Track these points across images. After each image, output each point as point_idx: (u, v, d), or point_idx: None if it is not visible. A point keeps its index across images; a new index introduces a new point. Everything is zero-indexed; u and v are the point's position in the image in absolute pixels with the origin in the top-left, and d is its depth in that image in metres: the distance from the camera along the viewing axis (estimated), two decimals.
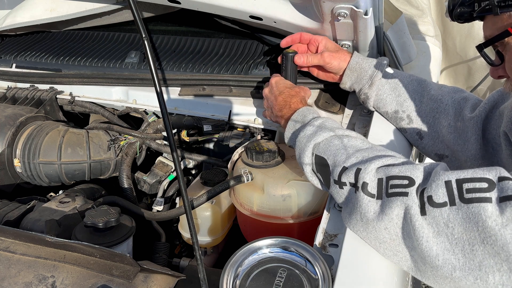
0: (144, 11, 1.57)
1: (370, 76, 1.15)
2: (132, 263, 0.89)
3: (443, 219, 0.67)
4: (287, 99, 1.12)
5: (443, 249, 0.68)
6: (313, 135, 0.94)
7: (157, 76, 0.62)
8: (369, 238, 0.79)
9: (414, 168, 0.76)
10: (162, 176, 1.43)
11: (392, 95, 1.13)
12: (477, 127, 1.03)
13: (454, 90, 1.12)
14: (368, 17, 1.08)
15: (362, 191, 0.78)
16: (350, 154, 0.86)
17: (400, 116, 1.13)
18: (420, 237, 0.69)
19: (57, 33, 1.83)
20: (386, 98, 1.14)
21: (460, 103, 1.08)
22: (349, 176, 0.82)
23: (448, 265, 0.67)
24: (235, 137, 1.33)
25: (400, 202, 0.73)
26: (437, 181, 0.70)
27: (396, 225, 0.73)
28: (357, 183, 0.80)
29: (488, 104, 1.04)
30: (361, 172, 0.80)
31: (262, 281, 0.78)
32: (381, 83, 1.14)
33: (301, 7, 1.20)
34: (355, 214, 0.80)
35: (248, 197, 1.09)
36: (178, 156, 1.04)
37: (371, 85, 1.15)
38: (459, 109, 1.08)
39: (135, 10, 0.59)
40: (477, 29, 1.94)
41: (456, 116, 1.07)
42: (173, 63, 1.51)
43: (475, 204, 0.65)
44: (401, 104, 1.13)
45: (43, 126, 1.43)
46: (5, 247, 0.96)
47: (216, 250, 1.30)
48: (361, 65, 1.16)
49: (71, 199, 1.19)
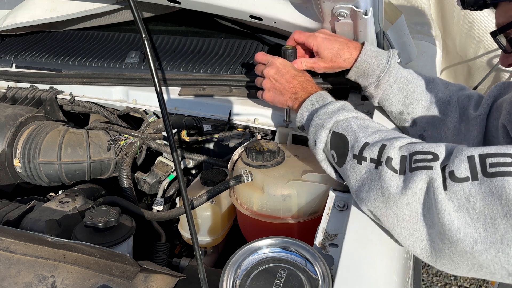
0: (144, 11, 1.57)
1: (377, 77, 1.12)
2: (132, 263, 0.89)
3: (465, 194, 0.67)
4: (303, 83, 1.11)
5: (464, 223, 0.67)
6: (334, 113, 0.95)
7: (157, 76, 0.62)
8: (388, 215, 0.78)
9: (437, 145, 0.77)
10: (162, 176, 1.43)
11: (399, 96, 1.12)
12: (481, 125, 1.03)
13: (459, 88, 1.11)
14: (368, 17, 1.08)
15: (386, 165, 0.78)
16: (372, 132, 0.88)
17: (404, 118, 1.13)
18: (442, 210, 0.69)
19: (57, 33, 1.83)
20: (392, 99, 1.13)
21: (464, 102, 1.08)
22: (372, 152, 0.82)
23: (469, 238, 0.67)
24: (235, 137, 1.33)
25: (424, 176, 0.73)
26: (459, 156, 0.70)
27: (418, 200, 0.73)
28: (380, 158, 0.80)
29: (489, 100, 1.04)
30: (386, 147, 0.81)
31: (262, 281, 0.78)
32: (388, 84, 1.12)
33: (301, 7, 1.20)
34: (375, 190, 0.79)
35: (248, 197, 1.09)
36: (178, 156, 1.04)
37: (377, 86, 1.13)
38: (463, 109, 1.07)
39: (135, 10, 0.59)
40: (477, 29, 1.94)
41: (460, 117, 1.07)
42: (173, 63, 1.51)
43: (498, 178, 0.65)
44: (407, 106, 1.11)
45: (43, 126, 1.43)
46: (5, 247, 0.96)
47: (216, 250, 1.30)
48: (369, 63, 1.13)
49: (71, 199, 1.19)
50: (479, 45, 1.94)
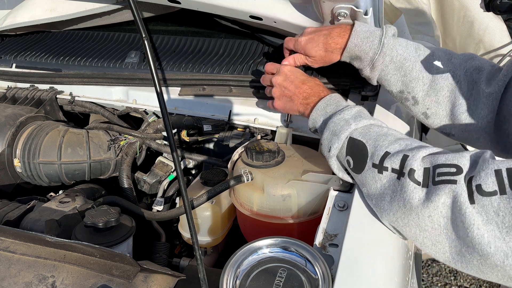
0: (144, 11, 1.57)
1: (371, 59, 1.06)
2: (132, 263, 0.89)
3: (493, 208, 0.67)
4: (314, 87, 1.08)
5: (494, 237, 0.67)
6: (352, 120, 0.92)
7: (157, 76, 0.62)
8: (410, 225, 0.77)
9: (460, 156, 0.75)
10: (162, 176, 1.43)
11: (397, 75, 1.06)
12: (494, 104, 0.96)
13: (466, 58, 1.03)
14: (368, 17, 1.08)
15: (409, 177, 0.77)
16: (392, 141, 0.85)
17: (406, 96, 1.07)
18: (470, 225, 0.68)
19: (57, 33, 1.83)
20: (390, 79, 1.07)
21: (473, 74, 1.00)
22: (394, 162, 0.81)
23: (500, 252, 0.66)
24: (235, 137, 1.33)
25: (448, 190, 0.72)
26: (486, 169, 0.69)
27: (440, 214, 0.73)
28: (403, 169, 0.79)
29: (507, 76, 0.95)
30: (409, 159, 0.79)
31: (262, 281, 0.78)
32: (384, 65, 1.06)
33: (301, 7, 1.20)
34: (397, 201, 0.78)
35: (248, 197, 1.09)
36: (178, 156, 1.04)
37: (373, 69, 1.07)
38: (472, 82, 1.00)
39: (135, 10, 0.59)
40: (477, 29, 1.94)
41: (469, 91, 0.99)
42: (173, 63, 1.51)
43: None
44: (407, 85, 1.05)
45: (43, 126, 1.43)
46: (5, 247, 0.96)
47: (216, 250, 1.30)
48: (360, 46, 1.06)
49: (71, 199, 1.19)
50: (479, 45, 1.94)
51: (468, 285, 2.49)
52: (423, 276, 2.54)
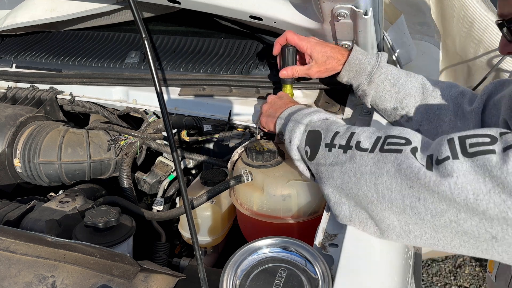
0: (144, 11, 1.57)
1: (369, 73, 1.14)
2: (132, 263, 0.89)
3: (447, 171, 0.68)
4: (287, 103, 1.15)
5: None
6: (309, 114, 0.99)
7: (157, 76, 0.62)
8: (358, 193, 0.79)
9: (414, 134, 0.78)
10: (162, 176, 1.43)
11: (392, 92, 1.13)
12: (477, 119, 1.05)
13: (450, 85, 1.13)
14: (368, 17, 1.08)
15: (356, 148, 0.81)
16: (343, 125, 0.92)
17: (399, 113, 1.14)
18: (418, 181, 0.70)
19: (57, 33, 1.83)
20: (386, 95, 1.14)
21: (458, 98, 1.09)
22: (342, 139, 0.85)
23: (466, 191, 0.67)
24: (235, 137, 1.33)
25: (394, 158, 0.75)
26: (440, 141, 0.72)
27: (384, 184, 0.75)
28: (350, 143, 0.83)
29: (484, 96, 1.05)
30: (355, 134, 0.84)
31: (262, 281, 0.78)
32: (380, 80, 1.14)
33: (301, 7, 1.20)
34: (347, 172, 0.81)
35: (248, 197, 1.09)
36: (178, 156, 1.04)
37: (370, 82, 1.14)
38: (457, 104, 1.09)
39: (135, 10, 0.59)
40: (476, 29, 1.94)
41: (455, 111, 1.08)
42: (173, 63, 1.51)
43: (479, 156, 0.66)
44: (401, 101, 1.13)
45: (43, 126, 1.43)
46: (5, 247, 0.96)
47: (216, 250, 1.30)
48: (361, 60, 1.15)
49: (71, 199, 1.19)
50: (479, 45, 1.94)
51: (468, 285, 2.49)
52: (423, 276, 2.54)
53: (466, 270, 2.58)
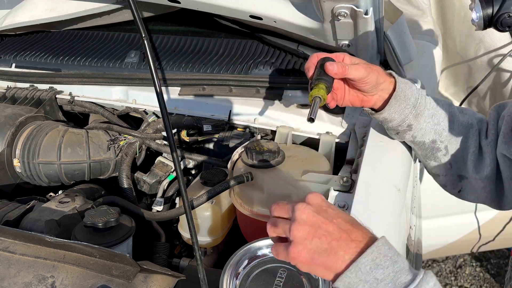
0: (144, 11, 1.57)
1: (414, 105, 0.99)
2: (132, 263, 0.89)
3: None
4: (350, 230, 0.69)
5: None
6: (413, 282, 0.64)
7: (157, 76, 0.62)
8: None
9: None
10: (162, 176, 1.43)
11: (431, 123, 1.02)
12: (494, 152, 1.01)
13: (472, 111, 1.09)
14: (368, 16, 1.08)
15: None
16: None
17: (438, 146, 1.03)
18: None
19: (57, 33, 1.83)
20: (426, 127, 1.02)
21: (479, 124, 1.06)
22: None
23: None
24: (235, 137, 1.33)
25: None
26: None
27: None
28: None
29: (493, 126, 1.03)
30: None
31: (262, 281, 0.77)
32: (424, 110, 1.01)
33: (301, 6, 1.20)
34: None
35: (248, 197, 1.09)
36: (178, 156, 1.03)
37: (417, 116, 1.00)
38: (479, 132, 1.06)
39: (135, 10, 0.59)
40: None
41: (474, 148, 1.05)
42: (173, 63, 1.51)
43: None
44: (440, 133, 1.02)
45: (43, 126, 1.43)
46: (5, 247, 0.96)
47: (216, 250, 1.29)
48: (405, 92, 0.99)
49: (70, 199, 1.18)
50: (480, 45, 1.94)
51: (468, 286, 2.49)
52: None
53: (467, 271, 2.58)
